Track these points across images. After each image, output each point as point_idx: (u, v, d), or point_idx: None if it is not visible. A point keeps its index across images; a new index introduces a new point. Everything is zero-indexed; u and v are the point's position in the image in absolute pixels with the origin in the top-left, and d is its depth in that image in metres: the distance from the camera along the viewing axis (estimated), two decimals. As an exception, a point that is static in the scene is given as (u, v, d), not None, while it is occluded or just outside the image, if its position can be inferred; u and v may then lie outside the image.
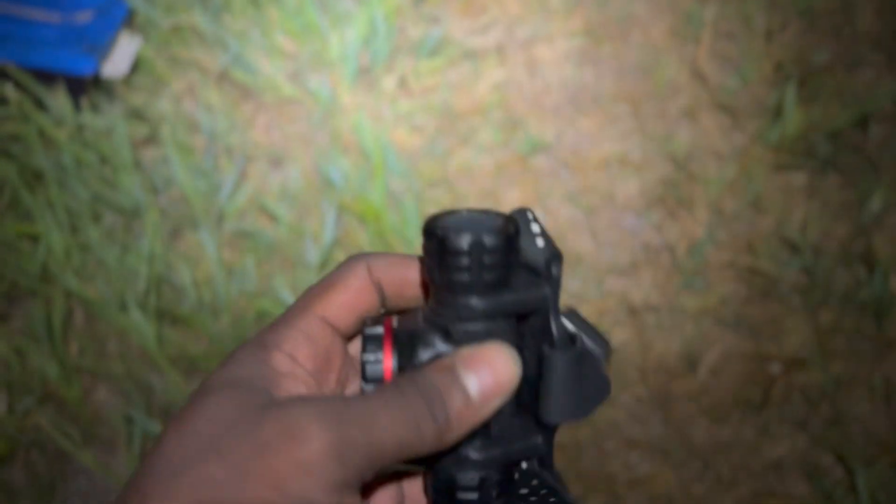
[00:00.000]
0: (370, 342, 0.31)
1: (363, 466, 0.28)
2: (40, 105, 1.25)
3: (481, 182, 1.34)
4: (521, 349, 0.32)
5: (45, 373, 1.08)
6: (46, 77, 1.27)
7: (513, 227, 0.31)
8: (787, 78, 1.37)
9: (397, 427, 0.28)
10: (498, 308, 0.31)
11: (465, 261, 0.30)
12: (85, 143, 1.23)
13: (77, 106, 1.27)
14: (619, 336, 1.15)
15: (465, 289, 0.30)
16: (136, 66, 1.38)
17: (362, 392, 0.32)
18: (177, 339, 1.11)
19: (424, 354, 0.31)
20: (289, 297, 1.15)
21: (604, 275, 1.22)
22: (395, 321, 0.33)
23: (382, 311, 0.34)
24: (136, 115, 1.31)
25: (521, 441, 0.32)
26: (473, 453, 0.31)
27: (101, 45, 1.31)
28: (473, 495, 0.31)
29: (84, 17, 1.33)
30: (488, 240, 0.30)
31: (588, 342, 0.32)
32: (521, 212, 0.33)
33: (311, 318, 0.33)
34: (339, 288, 0.33)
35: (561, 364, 0.31)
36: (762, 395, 1.08)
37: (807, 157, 1.28)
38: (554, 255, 0.31)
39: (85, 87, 1.29)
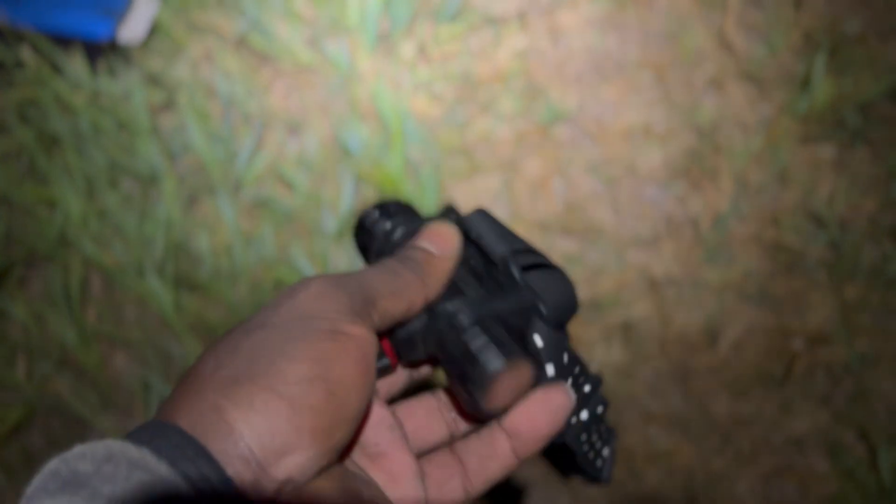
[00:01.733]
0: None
1: (363, 299, 0.33)
2: (57, 69, 1.24)
3: (501, 151, 1.32)
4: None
5: (63, 338, 1.08)
6: (63, 41, 1.25)
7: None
8: (817, 48, 1.34)
9: (382, 276, 0.35)
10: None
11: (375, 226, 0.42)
12: (102, 108, 1.22)
13: (94, 71, 1.26)
14: (639, 309, 1.14)
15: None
16: (153, 30, 1.36)
17: None
18: (194, 306, 1.11)
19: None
20: (306, 266, 1.14)
21: (625, 247, 1.20)
22: None
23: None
24: (154, 80, 1.30)
25: (500, 300, 0.36)
26: (458, 302, 0.35)
27: (117, 10, 1.30)
28: (477, 331, 0.34)
29: (101, -20, 1.32)
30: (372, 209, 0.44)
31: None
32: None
33: None
34: None
35: (476, 215, 0.39)
36: (784, 370, 1.07)
37: (836, 128, 1.25)
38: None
39: (102, 51, 1.28)
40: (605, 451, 0.39)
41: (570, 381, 0.36)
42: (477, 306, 0.35)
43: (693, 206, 1.22)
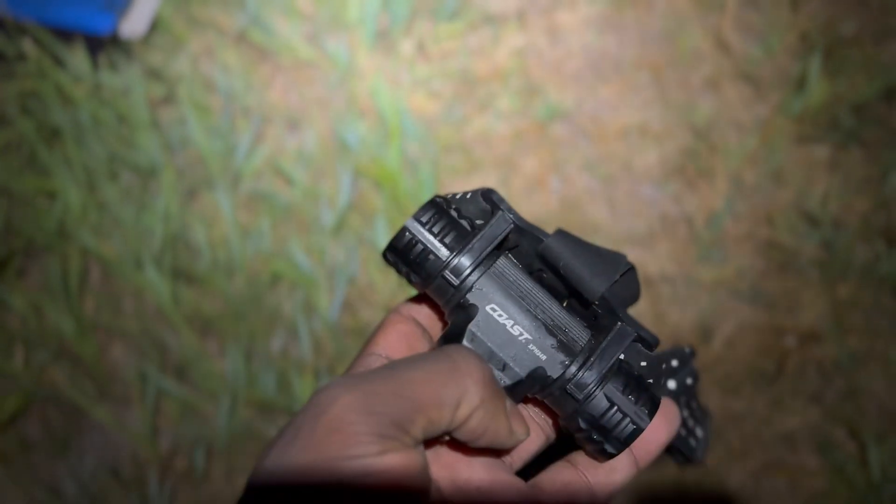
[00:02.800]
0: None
1: (397, 414, 0.29)
2: (58, 62, 1.25)
3: (498, 148, 1.33)
4: (528, 268, 0.36)
5: (61, 329, 1.08)
6: (65, 35, 1.26)
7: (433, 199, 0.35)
8: (812, 49, 1.35)
9: (427, 376, 0.30)
10: (476, 251, 0.34)
11: (415, 245, 0.34)
12: (102, 101, 1.23)
13: (95, 64, 1.27)
14: (633, 307, 1.15)
15: (439, 261, 0.34)
16: (155, 25, 1.37)
17: None
18: (191, 298, 1.12)
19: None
20: (303, 260, 1.15)
21: (620, 245, 1.21)
22: None
23: None
24: (154, 74, 1.31)
25: (609, 346, 0.34)
26: (575, 367, 0.33)
27: (119, 4, 1.30)
28: (603, 399, 0.33)
29: (102, -26, 1.33)
30: (417, 216, 0.34)
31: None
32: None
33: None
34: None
35: (555, 241, 0.35)
36: (776, 367, 1.08)
37: (830, 129, 1.26)
38: (488, 190, 0.36)
39: (103, 45, 1.29)
40: (699, 431, 0.40)
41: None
42: (594, 372, 0.33)
43: (688, 204, 1.23)
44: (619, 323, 0.34)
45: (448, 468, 0.34)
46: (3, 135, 1.20)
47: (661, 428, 0.37)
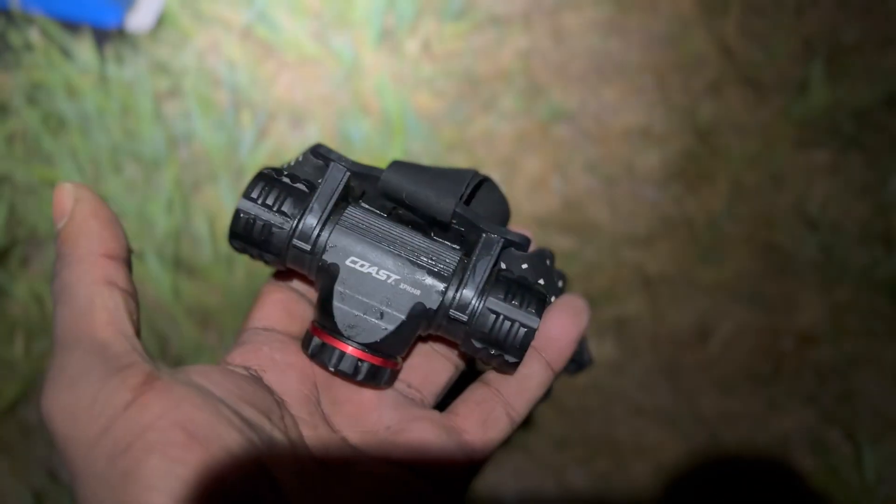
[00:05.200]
0: None
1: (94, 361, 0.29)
2: (65, 53, 1.26)
3: (501, 148, 1.34)
4: (382, 210, 0.35)
5: (62, 317, 1.09)
6: (72, 27, 1.27)
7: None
8: (815, 54, 1.35)
9: (68, 325, 0.30)
10: (318, 209, 0.33)
11: (254, 224, 0.33)
12: (108, 93, 1.24)
13: (101, 56, 1.28)
14: (632, 306, 1.15)
15: (283, 232, 0.33)
16: (161, 20, 1.38)
17: None
18: (192, 291, 1.13)
19: None
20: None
21: (620, 245, 1.22)
22: None
23: None
24: (160, 67, 1.32)
25: (480, 261, 0.33)
26: (453, 288, 0.33)
27: (127, -3, 1.32)
28: (488, 314, 0.33)
29: (111, -33, 1.34)
30: (246, 194, 0.34)
31: None
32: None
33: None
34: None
35: (391, 173, 0.33)
36: (772, 369, 1.08)
37: (831, 134, 1.26)
38: (316, 146, 0.35)
39: (110, 38, 1.30)
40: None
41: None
42: (471, 286, 0.33)
43: (689, 206, 1.24)
44: (484, 234, 0.33)
45: (353, 418, 0.34)
46: (9, 124, 1.21)
47: (565, 323, 0.35)
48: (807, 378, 1.07)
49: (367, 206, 0.34)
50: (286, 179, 0.34)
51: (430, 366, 0.37)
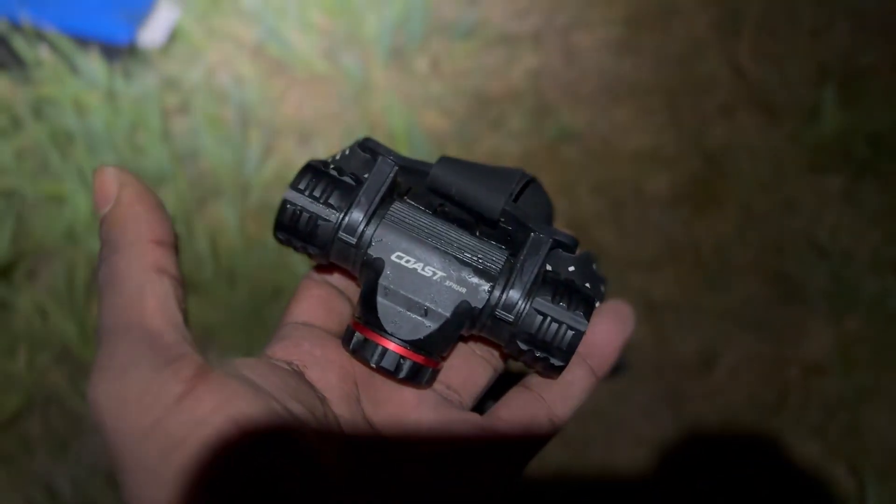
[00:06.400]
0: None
1: (149, 352, 0.28)
2: (74, 69, 1.27)
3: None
4: (429, 206, 0.34)
5: (64, 332, 1.10)
6: (82, 42, 1.28)
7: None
8: (828, 77, 1.33)
9: (121, 310, 0.29)
10: (364, 203, 0.33)
11: (300, 215, 0.33)
12: (116, 109, 1.25)
13: (111, 72, 1.28)
14: (636, 333, 1.14)
15: (329, 224, 0.33)
16: (174, 35, 1.39)
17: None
18: (194, 307, 1.13)
19: None
20: (306, 272, 1.15)
21: (626, 269, 1.21)
22: None
23: None
24: (170, 84, 1.32)
25: (527, 263, 0.33)
26: (499, 289, 0.32)
27: (139, 14, 1.33)
28: (535, 316, 0.32)
29: (124, -16, 1.35)
30: (294, 185, 0.33)
31: None
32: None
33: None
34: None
35: (440, 168, 0.33)
36: (778, 399, 1.06)
37: (844, 159, 1.24)
38: (365, 139, 0.34)
39: (120, 53, 1.30)
40: None
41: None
42: (518, 286, 0.32)
43: (696, 230, 1.22)
44: (532, 234, 0.33)
45: (394, 417, 0.33)
46: (17, 139, 1.22)
47: (611, 329, 0.35)
48: (813, 410, 1.05)
49: (413, 203, 0.34)
50: (333, 172, 0.33)
51: (470, 368, 0.36)
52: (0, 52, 1.28)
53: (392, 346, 0.32)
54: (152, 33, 1.36)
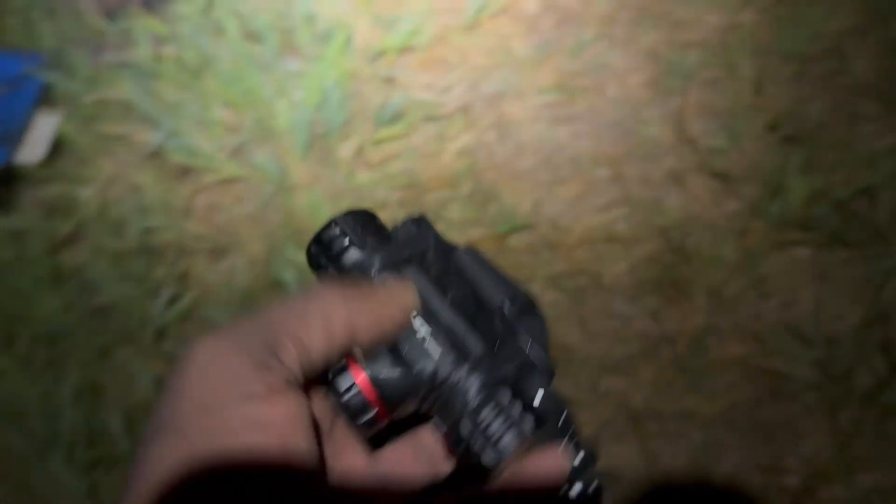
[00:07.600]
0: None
1: (264, 340, 0.28)
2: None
3: (454, 267, 1.20)
4: (438, 282, 0.36)
5: None
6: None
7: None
8: (781, 136, 1.26)
9: (286, 303, 0.30)
10: (390, 256, 0.35)
11: (337, 238, 0.35)
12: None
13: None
14: (621, 450, 1.03)
15: (354, 256, 0.35)
16: (57, 146, 1.21)
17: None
18: (115, 487, 0.96)
19: None
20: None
21: (598, 373, 1.10)
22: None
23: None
24: (55, 209, 1.14)
25: (504, 360, 0.35)
26: (465, 373, 0.34)
27: (11, 131, 1.14)
28: (489, 412, 0.33)
29: (-11, 97, 1.16)
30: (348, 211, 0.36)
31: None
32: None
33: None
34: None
35: (465, 254, 0.37)
36: (784, 516, 0.97)
37: (810, 229, 1.17)
38: (421, 216, 0.37)
39: (-6, 180, 1.12)
40: None
41: (565, 442, 0.35)
42: (486, 378, 0.34)
43: (667, 323, 1.12)
44: (518, 342, 0.36)
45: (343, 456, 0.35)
46: None
47: (537, 482, 0.34)
48: (824, 525, 0.97)
49: (426, 273, 0.36)
50: (379, 222, 0.37)
51: (414, 467, 0.36)
52: None
53: (361, 376, 0.34)
54: (31, 149, 1.18)
